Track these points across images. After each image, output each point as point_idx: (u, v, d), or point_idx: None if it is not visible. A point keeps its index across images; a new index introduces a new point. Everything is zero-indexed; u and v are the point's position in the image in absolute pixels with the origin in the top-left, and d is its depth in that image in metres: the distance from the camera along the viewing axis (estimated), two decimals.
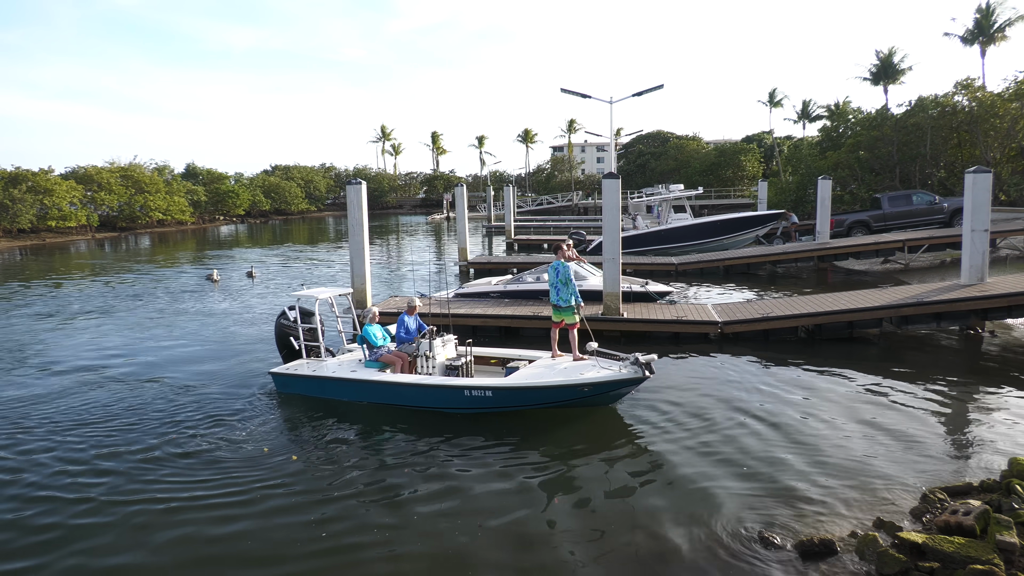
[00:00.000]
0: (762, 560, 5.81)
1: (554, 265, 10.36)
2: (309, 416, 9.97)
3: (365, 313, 11.02)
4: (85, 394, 11.26)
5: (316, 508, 7.07)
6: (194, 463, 8.32)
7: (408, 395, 9.99)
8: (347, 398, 10.41)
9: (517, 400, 9.55)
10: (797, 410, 9.55)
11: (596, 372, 9.44)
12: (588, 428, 9.26)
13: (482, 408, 9.64)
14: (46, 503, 7.35)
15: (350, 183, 15.25)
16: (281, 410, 10.34)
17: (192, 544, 6.46)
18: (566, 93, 28.97)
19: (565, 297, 10.22)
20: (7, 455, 8.69)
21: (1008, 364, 11.97)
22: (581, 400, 9.52)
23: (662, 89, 33.11)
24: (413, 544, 6.31)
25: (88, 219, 55.52)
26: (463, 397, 9.60)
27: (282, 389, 10.98)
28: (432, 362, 10.25)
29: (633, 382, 9.39)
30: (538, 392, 9.41)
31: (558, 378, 9.43)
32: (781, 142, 68.30)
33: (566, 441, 8.77)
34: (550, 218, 54.92)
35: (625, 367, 9.33)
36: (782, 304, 14.95)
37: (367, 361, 10.58)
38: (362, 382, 10.21)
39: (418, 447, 8.72)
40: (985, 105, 32.39)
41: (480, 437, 8.95)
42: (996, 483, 6.66)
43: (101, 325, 17.46)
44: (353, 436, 9.27)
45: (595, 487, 7.41)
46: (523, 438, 8.91)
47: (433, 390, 9.81)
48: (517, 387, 9.45)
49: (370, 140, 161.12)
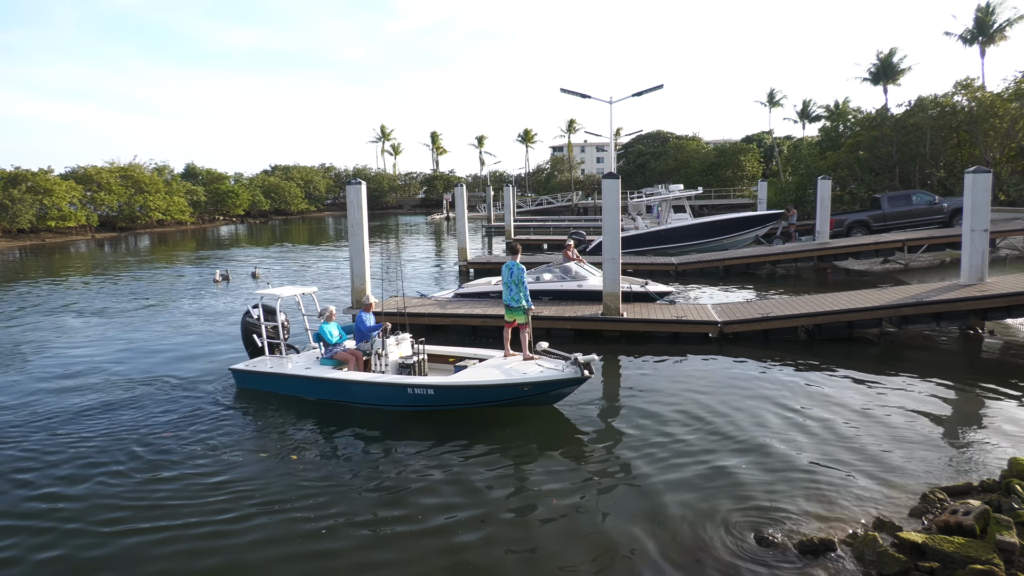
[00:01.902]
0: (762, 560, 5.81)
1: (508, 265, 10.50)
2: (262, 411, 10.24)
3: (322, 311, 11.30)
4: (48, 396, 11.28)
5: (259, 506, 7.16)
6: (140, 458, 8.52)
7: (355, 392, 10.20)
8: (300, 394, 10.64)
9: (458, 399, 9.67)
10: (796, 410, 9.54)
11: (537, 372, 9.55)
12: (586, 428, 9.25)
13: (424, 406, 9.79)
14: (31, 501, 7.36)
15: (350, 183, 15.24)
16: (237, 405, 10.59)
17: (133, 536, 6.56)
18: (566, 93, 28.98)
19: (516, 297, 10.35)
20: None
21: (1008, 364, 11.98)
22: (522, 399, 9.60)
23: (662, 89, 33.15)
24: (383, 549, 6.31)
25: (88, 219, 55.50)
26: (406, 395, 9.76)
27: (241, 385, 11.31)
28: (385, 360, 10.41)
29: (573, 382, 9.47)
30: (478, 391, 9.52)
31: (499, 377, 9.54)
32: (781, 142, 68.35)
33: (565, 440, 8.77)
34: (550, 218, 54.85)
35: (567, 367, 9.43)
36: (782, 304, 14.95)
37: (322, 359, 10.83)
38: (312, 379, 10.47)
39: (398, 447, 8.75)
40: (985, 105, 32.39)
41: (480, 436, 8.95)
42: (996, 483, 6.66)
43: (82, 325, 17.45)
44: (312, 432, 9.44)
45: (593, 487, 7.40)
46: (521, 436, 8.92)
47: (377, 388, 9.98)
48: (458, 385, 9.55)
49: (370, 140, 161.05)
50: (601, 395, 10.89)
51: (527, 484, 7.54)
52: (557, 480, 7.59)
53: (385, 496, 7.35)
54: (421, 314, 15.26)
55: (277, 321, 11.52)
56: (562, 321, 14.62)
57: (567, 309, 15.16)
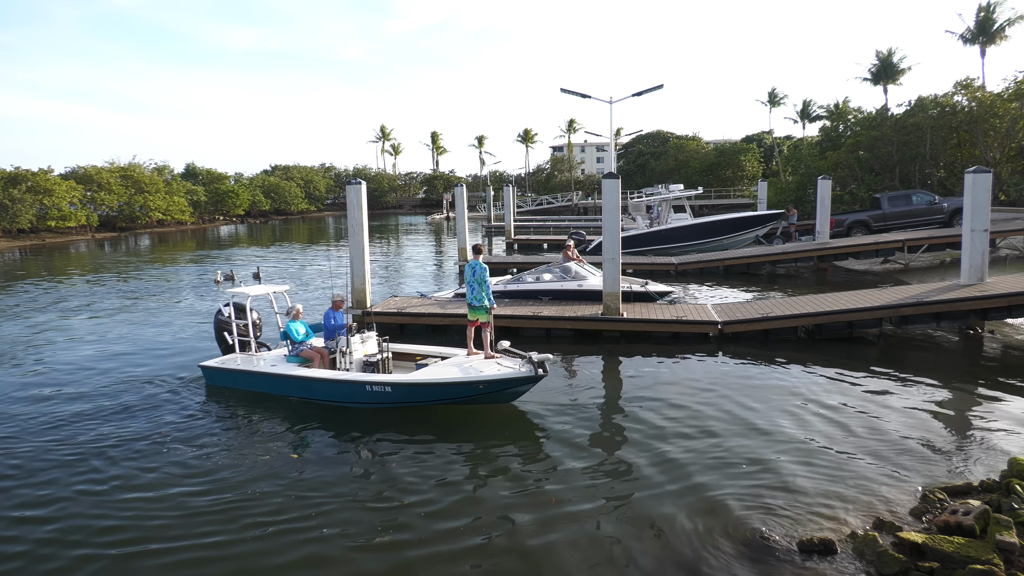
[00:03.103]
0: (762, 560, 5.81)
1: (471, 264, 10.60)
2: (224, 407, 10.48)
3: (288, 310, 11.49)
4: (26, 397, 11.32)
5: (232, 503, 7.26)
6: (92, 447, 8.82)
7: (316, 389, 10.37)
8: (266, 391, 10.84)
9: (415, 396, 9.82)
10: (796, 410, 9.54)
11: (494, 371, 9.66)
12: (586, 427, 9.24)
13: (383, 403, 9.93)
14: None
15: (350, 183, 15.24)
16: (203, 401, 10.78)
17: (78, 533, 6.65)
18: (566, 93, 28.99)
19: (479, 296, 10.45)
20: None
21: (1008, 364, 11.98)
22: (477, 397, 9.75)
23: (662, 89, 33.16)
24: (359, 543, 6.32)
25: (88, 219, 55.45)
26: (364, 392, 9.91)
27: (210, 382, 11.52)
28: (349, 358, 10.52)
29: (528, 381, 9.60)
30: (434, 388, 9.67)
31: (456, 375, 9.67)
32: (781, 142, 68.34)
33: (564, 440, 8.76)
34: (550, 218, 54.89)
35: (523, 366, 9.55)
36: (782, 304, 14.95)
37: (288, 356, 11.02)
38: (276, 376, 10.68)
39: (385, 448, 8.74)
40: (985, 105, 32.39)
41: (479, 435, 8.95)
42: (996, 483, 6.66)
43: (78, 324, 17.45)
44: (279, 429, 9.54)
45: (592, 486, 7.40)
46: (520, 436, 8.92)
47: (337, 385, 10.15)
48: (415, 383, 9.69)
49: (370, 140, 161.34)
50: (601, 395, 10.91)
51: (526, 484, 7.53)
52: (556, 480, 7.59)
53: (374, 495, 7.36)
54: (421, 314, 15.27)
55: (247, 319, 11.68)
56: (562, 321, 14.62)
57: (567, 309, 15.16)
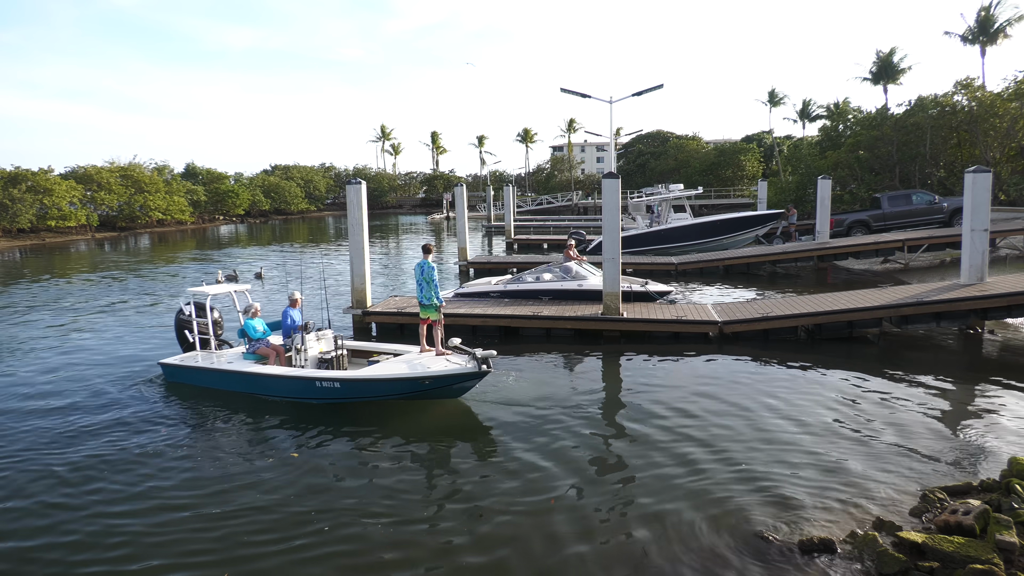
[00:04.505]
0: (762, 560, 5.81)
1: (419, 264, 10.94)
2: (182, 404, 10.71)
3: (247, 308, 11.71)
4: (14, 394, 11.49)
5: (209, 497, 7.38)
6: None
7: (269, 385, 10.68)
8: (223, 387, 11.09)
9: (363, 391, 10.13)
10: (796, 410, 9.55)
11: (441, 367, 9.93)
12: (586, 427, 9.24)
13: (333, 399, 10.21)
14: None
15: (350, 183, 15.24)
16: (161, 398, 11.02)
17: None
18: (566, 93, 29.00)
19: (428, 295, 10.75)
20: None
21: (1008, 364, 11.99)
22: (424, 392, 10.07)
23: (662, 89, 33.18)
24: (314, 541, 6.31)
25: (88, 219, 55.44)
26: (315, 388, 10.21)
27: (170, 379, 11.78)
28: (304, 355, 10.73)
29: (473, 376, 9.89)
30: (382, 384, 10.00)
31: (403, 371, 9.97)
32: (781, 142, 68.30)
33: (564, 439, 8.76)
34: (550, 218, 54.85)
35: (468, 362, 9.79)
36: (782, 304, 14.95)
37: (245, 353, 11.32)
38: (231, 373, 10.95)
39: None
40: (985, 105, 32.39)
41: (476, 434, 8.95)
42: (996, 483, 6.66)
43: (72, 324, 17.47)
44: (238, 425, 9.73)
45: (592, 486, 7.41)
46: (519, 436, 8.92)
47: (288, 381, 10.48)
48: (363, 379, 10.01)
49: (370, 140, 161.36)
50: (601, 394, 10.91)
51: (525, 483, 7.53)
52: (555, 479, 7.59)
53: (375, 491, 7.37)
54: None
55: (207, 317, 11.84)
56: (562, 321, 14.62)
57: (567, 309, 15.16)
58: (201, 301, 11.96)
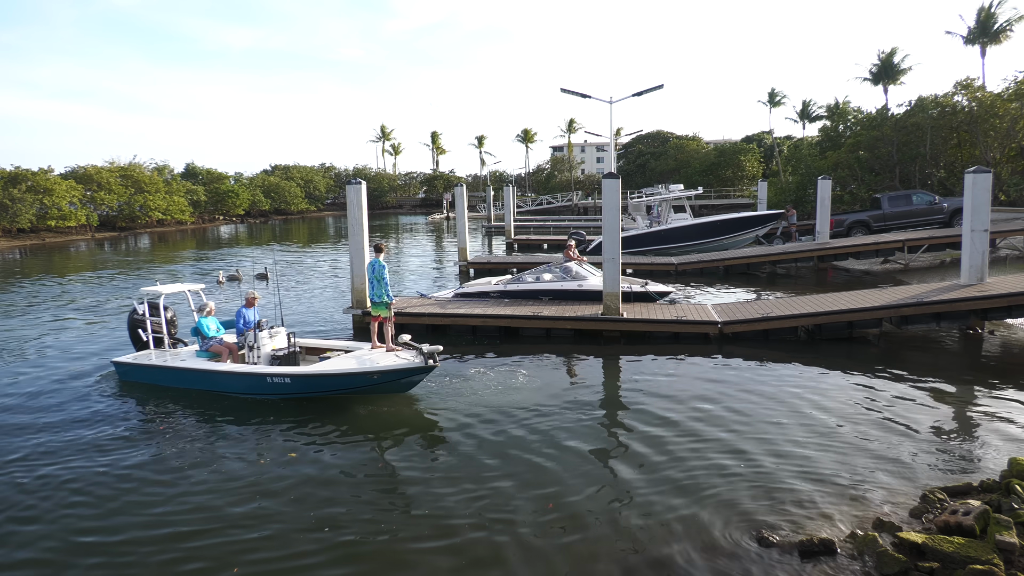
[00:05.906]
0: (762, 560, 5.81)
1: (371, 263, 11.13)
2: (134, 403, 10.76)
3: (200, 307, 11.81)
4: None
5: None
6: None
7: (221, 382, 10.82)
8: (174, 385, 11.21)
9: (313, 387, 10.37)
10: (796, 410, 9.54)
11: (390, 362, 10.13)
12: (586, 427, 9.24)
13: (283, 394, 10.47)
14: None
15: (350, 183, 15.23)
16: (112, 396, 11.09)
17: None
18: (566, 93, 28.98)
19: (379, 293, 10.99)
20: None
21: (1008, 364, 11.98)
22: (373, 387, 10.30)
23: (662, 89, 33.15)
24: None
25: (88, 219, 55.44)
26: (266, 384, 10.44)
27: (123, 377, 11.88)
28: (257, 353, 10.88)
29: (419, 371, 10.19)
30: (331, 379, 10.22)
31: (352, 366, 10.15)
32: (781, 142, 68.29)
33: (563, 439, 8.76)
34: (550, 218, 54.85)
35: (416, 357, 10.03)
36: (782, 304, 14.95)
37: (198, 351, 11.42)
38: (183, 370, 11.08)
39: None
40: (985, 105, 32.38)
41: (474, 433, 8.95)
42: (996, 483, 6.66)
43: (69, 324, 17.46)
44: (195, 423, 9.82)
45: (591, 486, 7.40)
46: (517, 435, 8.92)
47: (240, 377, 10.65)
48: (312, 374, 10.24)
49: (370, 140, 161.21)
50: (601, 395, 10.91)
51: (524, 483, 7.53)
52: (555, 479, 7.58)
53: (376, 495, 7.37)
54: (421, 314, 15.26)
55: (161, 316, 11.90)
56: (562, 321, 14.62)
57: (567, 309, 15.16)
58: (155, 300, 12.05)
